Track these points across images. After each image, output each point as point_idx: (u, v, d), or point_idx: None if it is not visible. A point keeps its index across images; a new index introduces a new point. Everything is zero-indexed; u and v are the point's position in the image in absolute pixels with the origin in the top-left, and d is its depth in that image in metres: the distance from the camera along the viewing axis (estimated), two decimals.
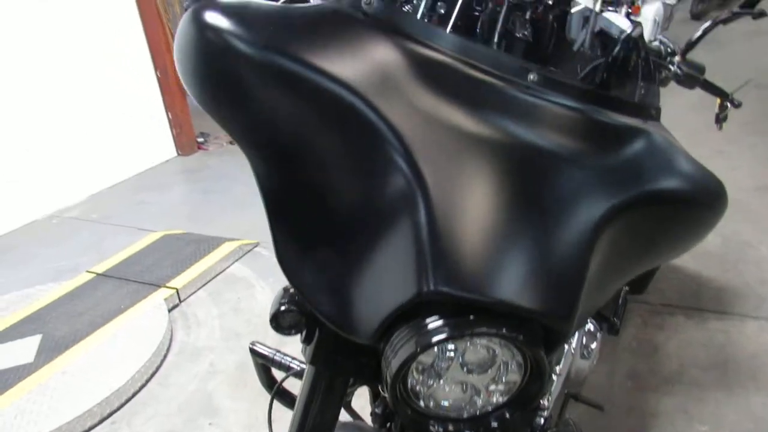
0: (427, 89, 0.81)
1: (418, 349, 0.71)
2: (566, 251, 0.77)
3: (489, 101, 0.83)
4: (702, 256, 2.62)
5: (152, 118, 4.48)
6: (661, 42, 1.14)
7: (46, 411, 1.97)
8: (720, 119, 1.38)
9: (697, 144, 1.73)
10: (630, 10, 5.13)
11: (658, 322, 2.26)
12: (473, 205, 0.75)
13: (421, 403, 0.79)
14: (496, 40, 0.92)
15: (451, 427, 0.78)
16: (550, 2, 1.07)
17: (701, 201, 0.98)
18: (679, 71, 1.09)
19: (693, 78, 1.12)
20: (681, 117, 3.16)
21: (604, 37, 1.05)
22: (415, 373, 0.76)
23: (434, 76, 0.83)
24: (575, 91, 0.89)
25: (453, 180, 0.76)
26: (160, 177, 4.34)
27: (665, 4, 5.81)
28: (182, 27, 0.82)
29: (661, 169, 0.90)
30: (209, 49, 0.79)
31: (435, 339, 0.70)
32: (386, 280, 0.75)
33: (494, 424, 0.79)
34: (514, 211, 0.77)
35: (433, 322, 0.71)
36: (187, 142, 4.67)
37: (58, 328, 2.41)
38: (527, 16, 1.03)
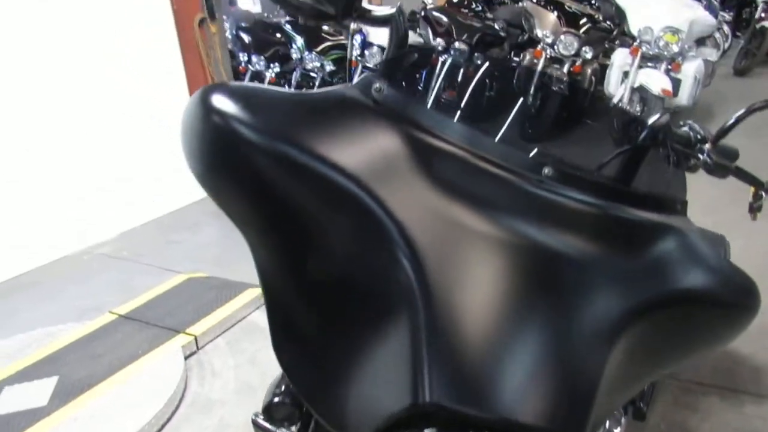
0: (434, 183, 0.78)
1: None
2: (578, 362, 0.72)
3: (499, 197, 0.80)
4: None
5: None
6: (690, 127, 1.08)
7: None
8: (754, 209, 1.30)
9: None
10: (670, 67, 5.07)
11: (690, 402, 2.14)
12: (477, 311, 0.71)
13: None
14: (507, 125, 0.89)
15: None
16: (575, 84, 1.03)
17: (729, 301, 0.92)
18: (708, 160, 1.03)
19: (724, 167, 1.06)
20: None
21: (632, 125, 1.01)
22: None
23: (443, 169, 0.80)
24: (593, 186, 0.85)
25: (457, 282, 0.72)
26: (192, 217, 4.39)
27: (706, 61, 5.72)
28: (190, 107, 0.81)
29: (684, 269, 0.85)
30: (214, 133, 0.78)
31: None
32: (382, 384, 0.71)
33: None
34: (521, 318, 0.72)
35: None
36: None
37: (76, 371, 2.41)
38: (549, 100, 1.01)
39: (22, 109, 3.52)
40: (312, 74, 6.69)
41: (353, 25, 0.95)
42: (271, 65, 7.09)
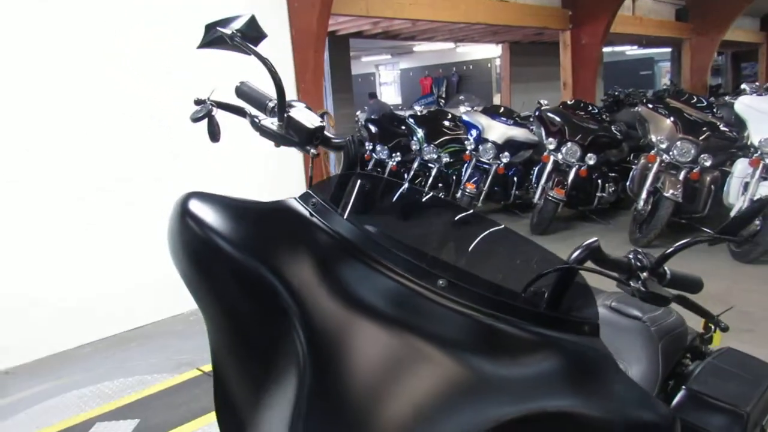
0: (341, 287, 0.93)
1: None
2: None
3: (394, 303, 0.93)
4: None
5: None
6: (634, 255, 1.14)
7: None
8: (705, 340, 1.29)
9: None
10: None
11: None
12: (350, 393, 0.84)
13: None
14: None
15: None
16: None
17: (614, 425, 0.95)
18: (642, 288, 1.08)
19: (660, 297, 1.10)
20: None
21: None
22: None
23: (352, 276, 0.94)
24: (484, 300, 0.95)
25: (339, 371, 0.86)
26: None
27: None
28: (173, 208, 1.04)
29: (568, 387, 0.91)
30: (184, 233, 1.00)
31: None
32: None
33: None
34: (387, 409, 0.84)
35: None
36: None
37: (155, 416, 2.73)
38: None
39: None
40: (429, 165, 7.06)
41: (313, 150, 1.15)
42: (393, 155, 7.59)
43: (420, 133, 7.04)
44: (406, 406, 0.85)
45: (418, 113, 7.80)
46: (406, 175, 7.17)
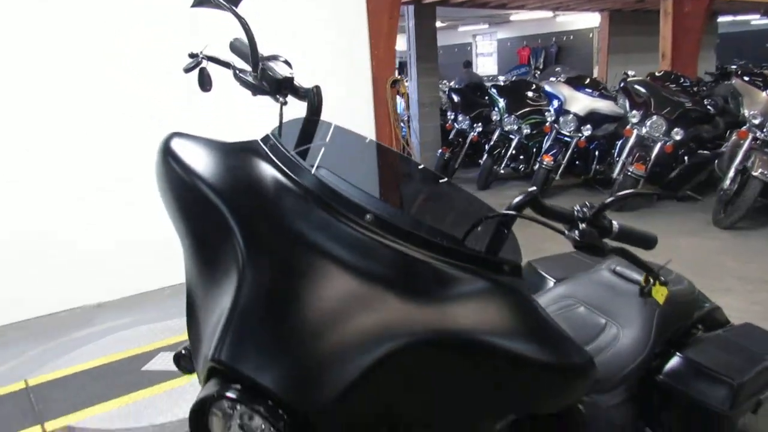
0: (278, 215, 1.04)
1: (197, 402, 0.95)
2: (341, 361, 0.93)
3: (322, 231, 1.03)
4: None
5: None
6: (582, 206, 1.17)
7: None
8: (644, 293, 1.29)
9: None
10: None
11: None
12: (270, 303, 0.97)
13: None
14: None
15: None
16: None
17: (516, 354, 1.01)
18: (577, 237, 1.12)
19: (596, 247, 1.13)
20: None
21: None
22: (215, 419, 0.99)
23: (290, 207, 1.05)
24: (410, 236, 1.03)
25: (268, 279, 0.98)
26: None
27: None
28: (158, 147, 1.20)
29: (479, 318, 0.99)
30: (163, 166, 1.16)
31: (204, 395, 0.95)
32: (209, 340, 1.01)
33: None
34: (306, 314, 0.95)
35: (216, 384, 0.95)
36: None
37: None
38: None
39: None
40: (510, 136, 6.97)
41: (281, 99, 1.27)
42: (475, 125, 7.56)
43: (501, 103, 6.96)
44: (319, 315, 0.95)
45: (502, 83, 7.69)
46: (486, 146, 7.14)
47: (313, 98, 1.22)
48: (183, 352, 1.20)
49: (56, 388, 2.75)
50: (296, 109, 1.27)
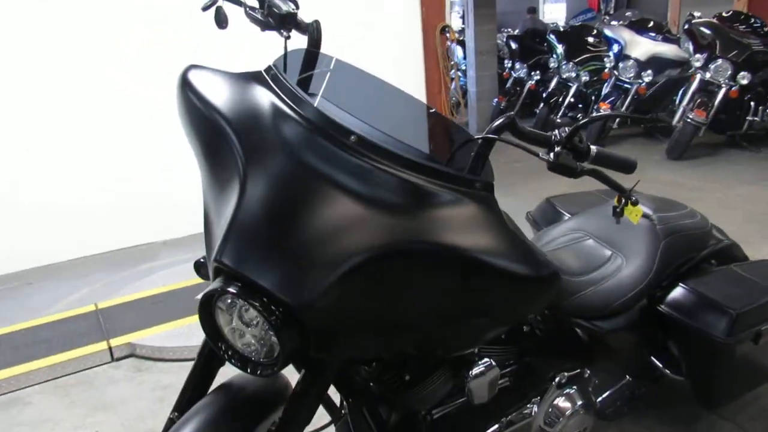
0: (272, 134, 1.16)
1: (203, 296, 1.11)
2: (325, 265, 1.06)
3: (311, 148, 1.14)
4: None
5: None
6: (560, 130, 1.24)
7: None
8: (617, 212, 1.34)
9: None
10: None
11: None
12: (278, 208, 1.09)
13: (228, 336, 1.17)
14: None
15: (231, 353, 1.15)
16: None
17: (483, 264, 1.11)
18: (550, 159, 1.19)
19: (569, 168, 1.20)
20: None
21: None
22: (219, 313, 1.16)
23: (283, 128, 1.17)
24: (391, 155, 1.13)
25: (264, 192, 1.11)
26: None
27: None
28: (178, 77, 1.34)
29: (451, 230, 1.09)
30: (181, 96, 1.31)
31: (209, 290, 1.10)
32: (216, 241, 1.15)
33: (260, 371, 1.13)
34: (295, 223, 1.08)
35: (219, 281, 1.11)
36: None
37: None
38: None
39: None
40: (568, 84, 6.81)
41: (285, 33, 1.37)
42: (533, 73, 7.41)
43: (560, 49, 6.78)
44: (307, 224, 1.06)
45: (561, 29, 7.46)
46: (544, 95, 7.01)
47: (313, 32, 1.32)
48: (201, 260, 1.37)
49: (121, 311, 3.06)
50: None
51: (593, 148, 1.25)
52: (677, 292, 1.75)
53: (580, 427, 1.68)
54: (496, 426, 1.60)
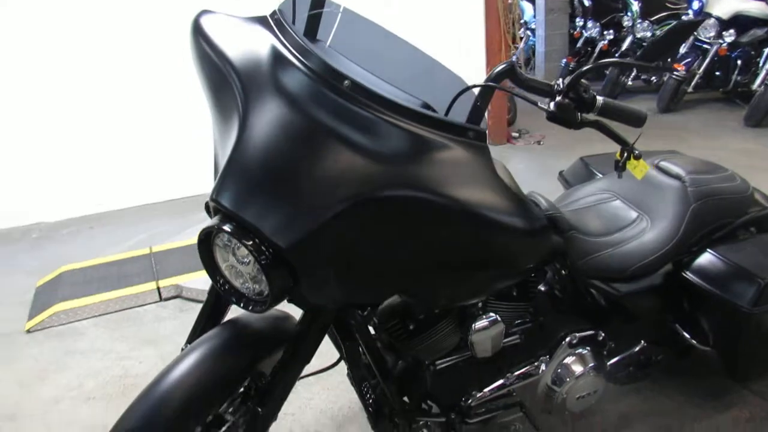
0: (270, 74, 1.17)
1: (201, 232, 1.17)
2: (315, 207, 1.08)
3: (306, 89, 1.15)
4: None
5: None
6: (563, 80, 1.20)
7: None
8: (619, 167, 1.27)
9: None
10: None
11: None
12: (271, 150, 1.11)
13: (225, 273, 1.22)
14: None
15: (228, 287, 1.21)
16: None
17: (470, 211, 1.11)
18: (552, 109, 1.15)
19: (566, 120, 1.16)
20: None
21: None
22: (217, 249, 1.21)
23: (281, 69, 1.18)
24: (382, 101, 1.13)
25: (259, 135, 1.13)
26: None
27: None
28: (191, 22, 1.37)
29: (437, 173, 1.08)
30: (192, 41, 1.34)
31: (206, 226, 1.15)
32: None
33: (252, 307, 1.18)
34: (287, 167, 1.10)
35: (216, 219, 1.15)
36: (497, 132, 5.22)
37: None
38: None
39: None
40: (643, 44, 6.45)
41: None
42: (605, 32, 7.05)
43: (635, 6, 6.41)
44: (297, 168, 1.08)
45: None
46: (616, 56, 6.67)
47: None
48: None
49: (172, 256, 3.22)
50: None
51: (599, 98, 1.21)
52: (704, 258, 1.67)
53: (590, 390, 1.65)
54: (501, 381, 1.61)
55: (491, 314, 1.49)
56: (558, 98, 1.17)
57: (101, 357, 2.48)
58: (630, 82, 6.58)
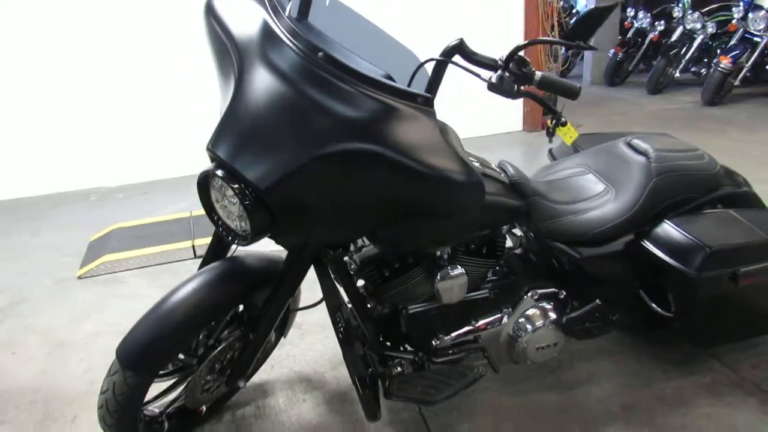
0: (260, 44, 1.39)
1: (199, 176, 1.41)
2: (287, 157, 1.30)
3: (285, 58, 1.36)
4: None
5: None
6: (505, 59, 1.37)
7: None
8: (549, 132, 1.41)
9: None
10: None
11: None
12: (256, 109, 1.32)
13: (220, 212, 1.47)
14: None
15: (221, 223, 1.45)
16: None
17: (409, 165, 1.29)
18: (493, 80, 1.33)
19: (505, 91, 1.33)
20: None
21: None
22: (212, 191, 1.45)
23: (267, 40, 1.39)
24: (348, 70, 1.33)
25: (247, 96, 1.34)
26: (500, 142, 5.15)
27: None
28: (205, 2, 1.61)
29: (393, 137, 1.28)
30: (204, 20, 1.58)
31: (202, 171, 1.39)
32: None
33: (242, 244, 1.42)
34: (267, 122, 1.31)
35: (212, 166, 1.40)
36: (532, 120, 5.31)
37: None
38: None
39: None
40: (693, 35, 6.36)
41: None
42: (657, 23, 6.97)
43: None
44: (276, 124, 1.30)
45: None
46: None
47: None
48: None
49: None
50: None
51: (538, 73, 1.37)
52: (661, 228, 1.80)
53: (549, 342, 1.82)
54: (468, 328, 1.80)
55: (457, 266, 1.68)
56: (499, 71, 1.35)
57: (138, 301, 2.81)
58: (678, 74, 6.51)
